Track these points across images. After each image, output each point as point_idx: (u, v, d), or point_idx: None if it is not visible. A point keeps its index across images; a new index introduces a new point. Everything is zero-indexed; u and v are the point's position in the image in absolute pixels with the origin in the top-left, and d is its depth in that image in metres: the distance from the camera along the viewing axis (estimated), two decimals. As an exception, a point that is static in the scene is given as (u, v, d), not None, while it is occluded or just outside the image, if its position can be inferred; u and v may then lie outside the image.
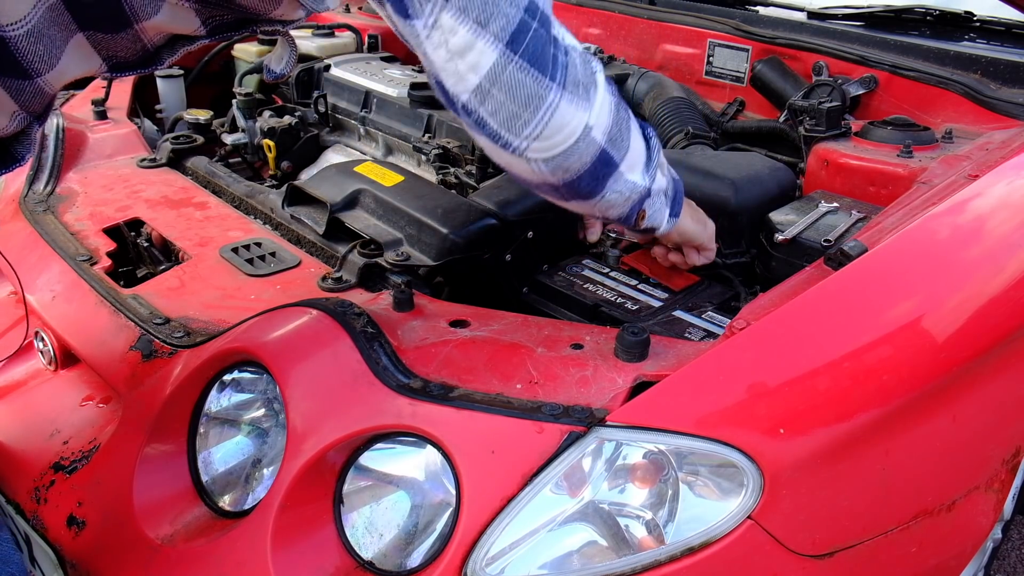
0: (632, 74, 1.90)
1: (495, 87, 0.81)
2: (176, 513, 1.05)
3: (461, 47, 0.80)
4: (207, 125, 1.86)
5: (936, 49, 1.75)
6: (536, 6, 0.81)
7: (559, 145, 0.87)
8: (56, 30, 0.89)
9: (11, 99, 0.91)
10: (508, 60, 0.80)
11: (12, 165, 1.00)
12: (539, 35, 0.81)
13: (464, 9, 0.78)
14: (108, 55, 0.95)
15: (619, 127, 0.92)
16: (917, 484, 1.05)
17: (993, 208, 1.22)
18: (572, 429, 0.90)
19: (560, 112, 0.84)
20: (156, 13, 0.91)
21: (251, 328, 1.10)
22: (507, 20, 0.79)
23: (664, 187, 1.06)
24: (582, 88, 0.86)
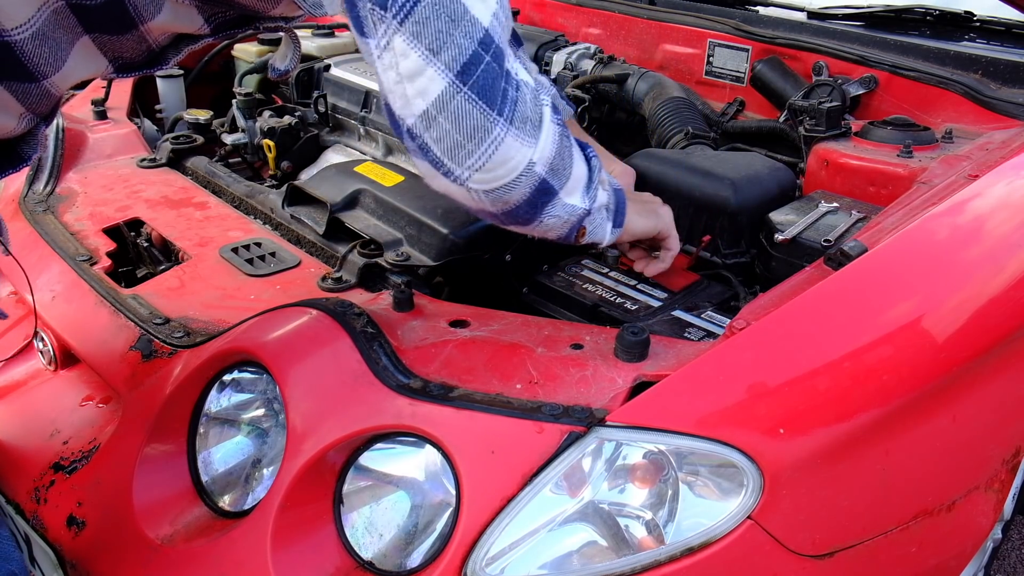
0: (632, 74, 1.89)
1: (442, 115, 0.81)
2: (176, 513, 1.05)
3: (411, 72, 0.80)
4: (207, 125, 1.86)
5: (936, 49, 1.75)
6: (491, 40, 0.81)
7: (501, 178, 0.87)
8: (62, 32, 0.89)
9: (17, 102, 0.92)
10: (457, 90, 0.80)
11: (19, 165, 1.01)
12: (491, 69, 0.80)
13: (417, 35, 0.78)
14: (114, 56, 0.96)
15: (562, 157, 0.92)
16: (917, 484, 1.05)
17: (993, 208, 1.22)
18: (572, 429, 0.90)
19: (505, 146, 0.84)
20: (159, 13, 0.91)
21: (251, 328, 1.10)
22: (459, 50, 0.79)
23: (605, 202, 1.06)
24: (530, 124, 0.86)
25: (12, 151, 1.00)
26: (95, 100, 1.89)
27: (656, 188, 1.43)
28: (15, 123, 0.95)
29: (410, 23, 0.78)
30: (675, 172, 1.44)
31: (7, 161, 1.00)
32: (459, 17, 0.78)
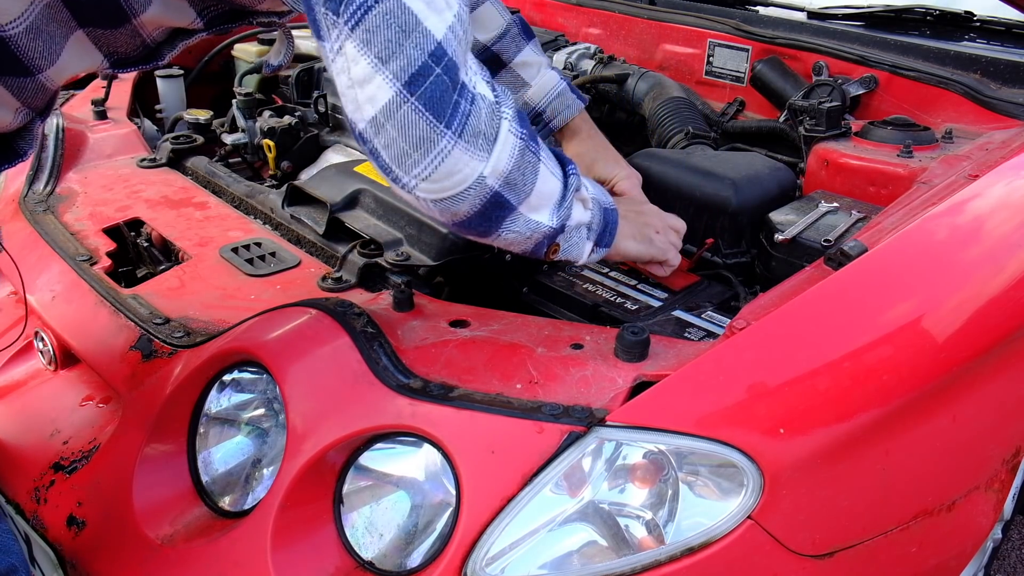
0: (632, 74, 1.90)
1: (389, 123, 0.81)
2: (176, 513, 1.05)
3: (361, 78, 0.80)
4: (207, 125, 1.86)
5: (936, 49, 1.75)
6: (443, 52, 0.80)
7: (449, 189, 0.86)
8: (55, 26, 0.89)
9: (13, 96, 0.92)
10: (404, 100, 0.79)
11: (15, 160, 1.01)
12: (440, 81, 0.80)
13: (368, 42, 0.78)
14: (109, 51, 0.96)
15: (522, 172, 0.90)
16: (917, 484, 1.05)
17: (993, 208, 1.22)
18: (572, 429, 0.90)
19: (452, 159, 0.83)
20: (149, 5, 0.91)
21: (251, 328, 1.10)
22: (408, 61, 0.79)
23: (586, 221, 1.04)
24: (482, 138, 0.84)
25: (8, 146, 1.00)
26: (95, 100, 1.89)
27: (656, 188, 1.43)
28: (11, 118, 0.95)
29: (361, 30, 0.78)
30: (675, 172, 1.44)
31: (3, 156, 1.00)
32: (411, 28, 0.78)
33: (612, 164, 1.43)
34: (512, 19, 1.42)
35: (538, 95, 1.44)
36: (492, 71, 1.44)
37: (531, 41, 1.45)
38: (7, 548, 0.97)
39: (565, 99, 1.45)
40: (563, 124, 1.46)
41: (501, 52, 1.42)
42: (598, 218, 1.06)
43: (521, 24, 1.44)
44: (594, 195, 1.06)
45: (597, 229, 1.06)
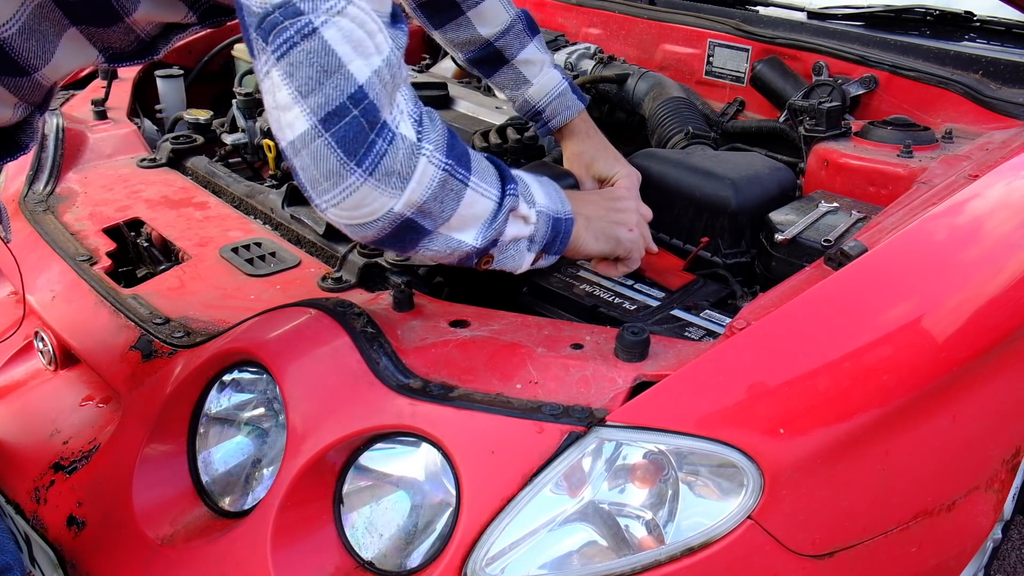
0: (632, 74, 1.90)
1: (304, 151, 0.82)
2: (176, 513, 1.05)
3: (282, 104, 0.81)
4: (207, 125, 1.86)
5: (936, 49, 1.75)
6: (363, 96, 0.81)
7: (357, 218, 0.88)
8: (48, 25, 0.90)
9: (11, 94, 0.93)
10: (318, 134, 0.81)
11: (17, 153, 1.02)
12: (356, 123, 0.81)
13: (291, 74, 0.80)
14: (104, 47, 0.97)
15: (440, 200, 0.90)
16: (917, 484, 1.05)
17: (993, 208, 1.22)
18: (572, 429, 0.90)
19: (360, 193, 0.84)
20: (140, 3, 0.92)
21: (251, 328, 1.11)
22: (326, 99, 0.80)
23: (525, 234, 1.03)
24: (395, 177, 0.85)
25: (11, 139, 1.01)
26: (95, 100, 1.89)
27: (656, 188, 1.43)
28: (11, 112, 0.96)
29: (285, 62, 0.79)
30: (675, 172, 1.44)
31: (6, 149, 1.01)
32: (332, 70, 0.79)
33: (612, 162, 1.43)
34: (517, 14, 1.42)
35: (539, 94, 1.44)
36: (494, 67, 1.44)
37: (535, 37, 1.44)
38: (2, 547, 0.97)
39: (565, 100, 1.45)
40: (562, 124, 1.46)
41: (504, 48, 1.42)
42: (544, 230, 1.05)
43: (526, 20, 1.43)
44: (543, 207, 1.05)
45: (542, 241, 1.06)
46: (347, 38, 0.79)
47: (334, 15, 0.78)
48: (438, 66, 2.28)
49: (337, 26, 0.79)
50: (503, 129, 1.64)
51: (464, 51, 1.44)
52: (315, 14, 0.78)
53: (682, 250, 1.42)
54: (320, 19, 0.78)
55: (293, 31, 0.78)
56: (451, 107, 1.84)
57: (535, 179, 1.08)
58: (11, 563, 0.97)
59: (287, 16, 0.78)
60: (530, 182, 1.05)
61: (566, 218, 1.08)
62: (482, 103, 1.82)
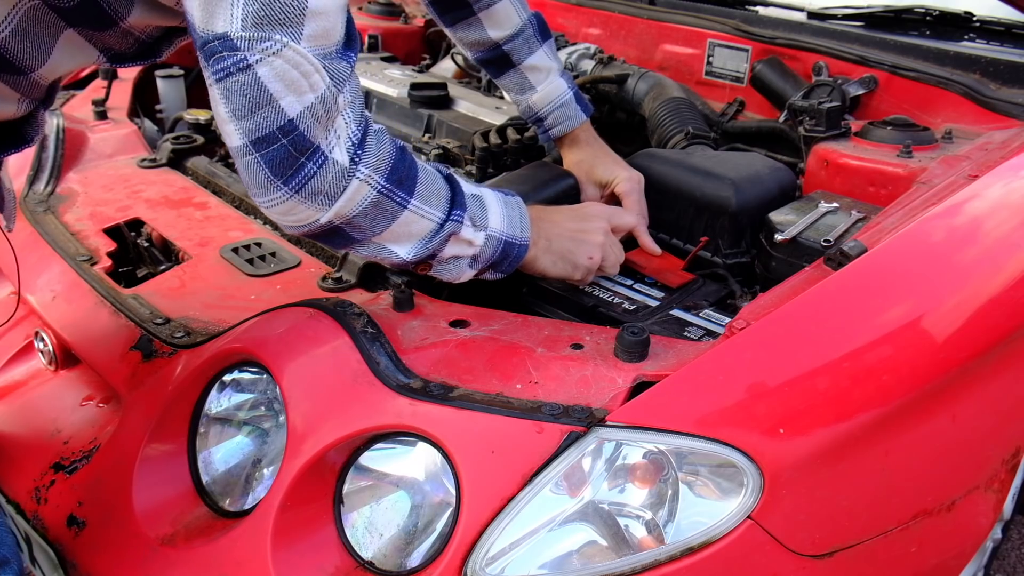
0: (632, 74, 1.90)
1: (240, 160, 0.87)
2: (176, 513, 1.05)
3: (221, 118, 0.86)
4: (207, 125, 1.86)
5: (936, 49, 1.75)
6: (293, 128, 0.85)
7: (288, 222, 0.93)
8: (43, 27, 0.92)
9: (12, 90, 0.95)
10: (249, 152, 0.86)
11: (22, 145, 1.04)
12: (283, 150, 0.85)
13: (227, 97, 0.83)
14: (104, 47, 0.99)
15: (371, 217, 0.94)
16: (917, 484, 1.05)
17: (992, 208, 1.22)
18: (572, 429, 0.90)
19: (287, 206, 0.89)
20: (132, 8, 0.94)
21: (251, 328, 1.11)
22: (257, 126, 0.84)
23: (467, 254, 1.06)
24: (323, 197, 0.89)
25: (16, 132, 1.03)
26: (95, 100, 1.89)
27: (656, 188, 1.44)
28: (15, 107, 0.98)
29: (222, 86, 0.83)
30: (675, 172, 1.44)
31: (11, 141, 1.03)
32: (263, 103, 0.83)
33: (611, 166, 1.43)
34: (529, 18, 1.42)
35: (542, 102, 1.45)
36: (501, 69, 1.45)
37: (545, 43, 1.45)
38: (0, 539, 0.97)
39: (568, 110, 1.46)
40: (562, 134, 1.47)
41: (512, 52, 1.43)
42: (490, 253, 1.08)
43: (538, 24, 1.44)
44: (495, 231, 1.07)
45: (487, 261, 1.08)
46: (280, 78, 0.83)
47: (269, 55, 0.82)
48: (438, 66, 2.28)
49: (271, 66, 0.82)
50: (503, 129, 1.64)
51: (473, 51, 1.45)
52: (250, 52, 0.81)
53: (682, 250, 1.42)
54: (255, 57, 0.81)
55: (229, 62, 0.82)
56: (451, 107, 1.85)
57: (500, 200, 1.10)
58: (8, 556, 0.98)
59: (225, 48, 0.81)
60: (490, 204, 1.08)
61: (520, 243, 1.11)
62: (482, 103, 1.82)
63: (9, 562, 0.97)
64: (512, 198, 1.13)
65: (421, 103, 1.82)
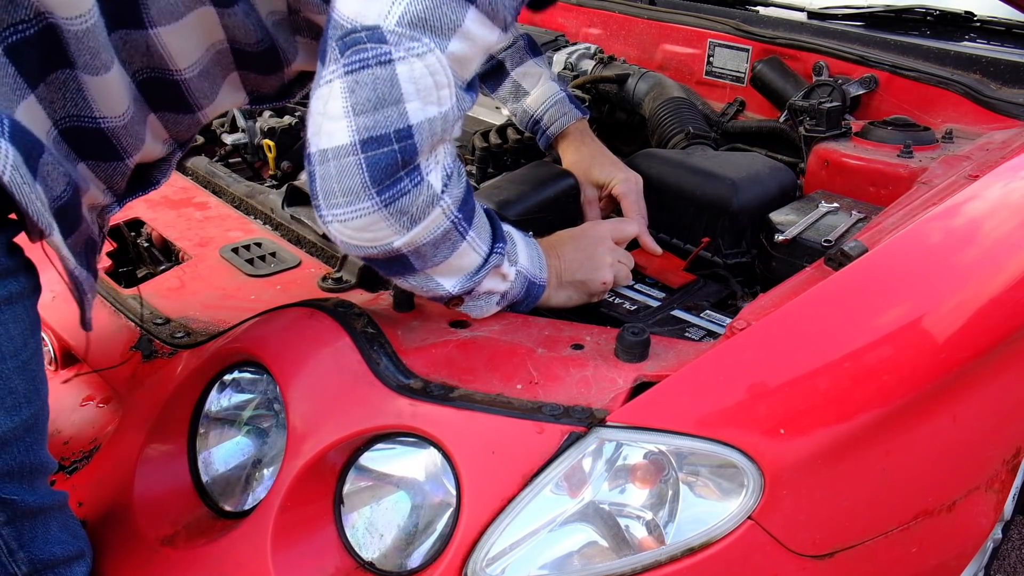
0: (632, 74, 1.90)
1: (333, 161, 0.84)
2: (176, 513, 1.05)
3: (332, 113, 0.83)
4: (207, 125, 1.86)
5: (936, 49, 1.75)
6: (409, 135, 0.83)
7: (357, 240, 0.90)
8: (218, 69, 0.97)
9: (165, 129, 0.99)
10: (354, 152, 0.83)
11: (148, 188, 1.07)
12: (391, 156, 0.83)
13: (352, 91, 0.82)
14: (252, 90, 1.03)
15: (436, 246, 0.94)
16: (917, 484, 1.05)
17: (993, 208, 1.22)
18: (572, 429, 0.90)
19: (369, 219, 0.87)
20: (297, 55, 0.99)
21: (251, 328, 1.10)
22: (374, 124, 0.82)
23: (500, 290, 1.06)
24: (406, 218, 0.88)
25: (145, 175, 1.05)
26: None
27: (656, 188, 1.44)
28: (159, 148, 1.01)
29: (351, 78, 0.82)
30: (675, 172, 1.44)
31: (138, 184, 1.05)
32: (391, 101, 0.82)
33: (609, 168, 1.43)
34: (520, 35, 1.50)
35: (536, 103, 1.48)
36: (497, 80, 1.50)
37: (536, 58, 1.50)
38: (76, 532, 0.98)
39: (562, 107, 1.48)
40: (560, 131, 1.48)
41: (505, 60, 1.49)
42: (517, 290, 1.09)
43: (528, 42, 1.50)
44: (523, 268, 1.08)
45: (512, 299, 1.09)
46: (415, 80, 0.82)
47: (413, 56, 0.81)
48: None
49: (411, 65, 0.82)
50: (503, 129, 1.64)
51: None
52: (396, 48, 0.81)
53: (683, 250, 1.42)
54: (399, 54, 0.81)
55: (371, 54, 0.81)
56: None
57: (522, 238, 1.11)
58: (84, 549, 0.99)
59: (371, 40, 0.81)
60: (518, 241, 1.09)
61: (540, 283, 1.12)
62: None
63: (84, 555, 0.99)
64: (529, 239, 1.14)
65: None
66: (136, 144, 0.95)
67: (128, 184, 1.01)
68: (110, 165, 0.95)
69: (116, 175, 0.96)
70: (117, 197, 1.01)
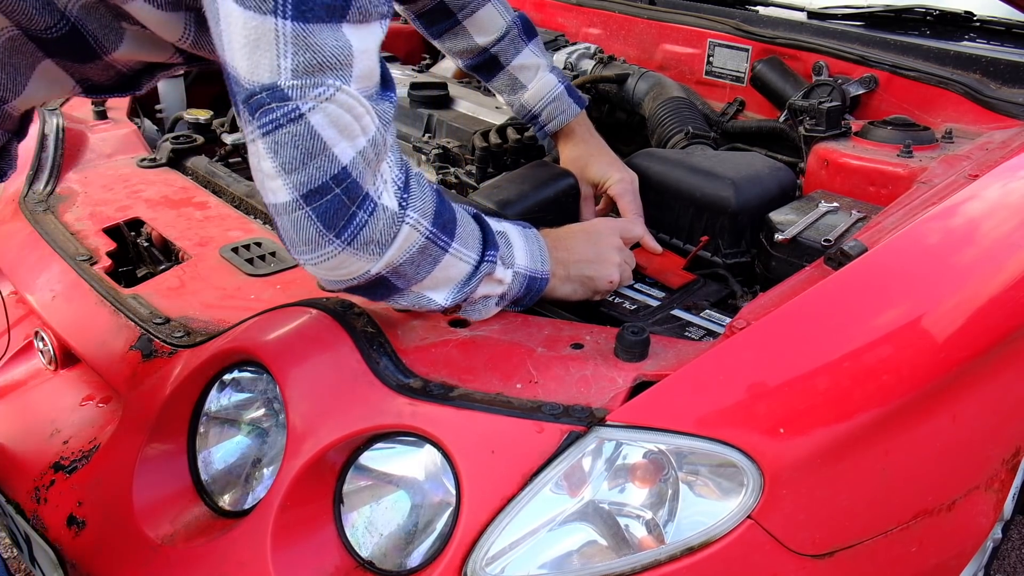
0: (632, 74, 1.90)
1: (286, 217, 0.83)
2: (176, 513, 1.05)
3: (267, 173, 0.82)
4: (207, 125, 1.86)
5: (936, 49, 1.75)
6: (346, 176, 0.81)
7: (334, 277, 0.90)
8: (20, 58, 0.89)
9: None
10: (299, 207, 0.82)
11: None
12: (337, 199, 0.82)
13: (275, 151, 0.79)
14: (81, 78, 0.96)
15: (416, 264, 0.92)
16: (917, 484, 1.05)
17: (992, 208, 1.22)
18: (572, 429, 0.90)
19: (338, 260, 0.86)
20: (120, 43, 0.91)
21: (251, 328, 1.11)
22: (309, 178, 0.80)
23: (496, 293, 1.05)
24: (374, 246, 0.87)
25: None
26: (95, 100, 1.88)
27: (656, 188, 1.43)
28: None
29: (270, 139, 0.79)
30: (675, 172, 1.44)
31: None
32: (316, 152, 0.80)
33: (605, 167, 1.43)
34: (513, 20, 1.42)
35: (534, 98, 1.45)
36: (491, 72, 1.45)
37: (531, 41, 1.45)
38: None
39: (561, 103, 1.46)
40: (558, 128, 1.47)
41: (499, 54, 1.43)
42: (516, 289, 1.07)
43: (523, 24, 1.43)
44: (521, 268, 1.06)
45: (512, 297, 1.08)
46: (334, 124, 0.80)
47: (322, 102, 0.78)
48: (438, 66, 2.28)
49: (324, 112, 0.79)
50: (503, 129, 1.64)
51: (463, 59, 1.45)
52: (303, 100, 0.78)
53: (682, 250, 1.42)
54: (308, 106, 0.78)
55: (279, 114, 0.78)
56: (451, 107, 1.85)
57: (521, 234, 1.09)
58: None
59: (275, 100, 0.77)
60: (514, 240, 1.07)
61: (542, 277, 1.10)
62: (482, 103, 1.82)
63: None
64: (530, 231, 1.12)
65: (421, 103, 1.82)
66: None
67: None
68: None
69: None
70: None
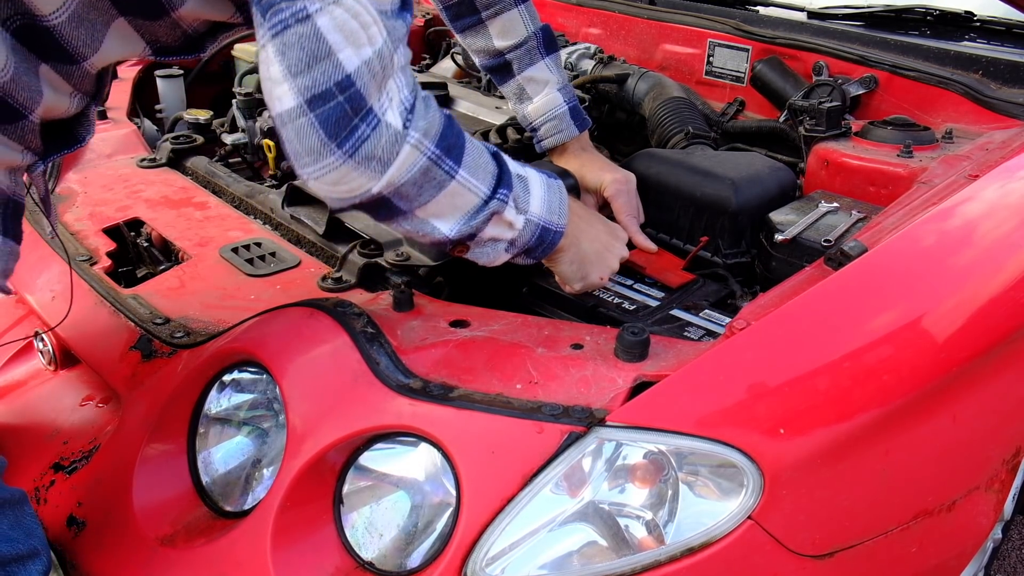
0: (632, 74, 1.90)
1: (290, 125, 0.85)
2: (176, 513, 1.05)
3: (274, 78, 0.83)
4: (207, 125, 1.86)
5: (936, 49, 1.75)
6: (350, 84, 0.83)
7: (337, 193, 0.90)
8: (96, 14, 0.92)
9: (64, 81, 0.95)
10: (303, 113, 0.83)
11: (74, 146, 1.04)
12: (339, 107, 0.83)
13: (283, 53, 0.81)
14: (151, 39, 0.99)
15: (419, 186, 0.92)
16: (917, 484, 1.05)
17: (992, 208, 1.22)
18: (572, 429, 0.90)
19: (339, 172, 0.87)
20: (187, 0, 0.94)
21: (251, 328, 1.10)
22: (313, 82, 0.82)
23: (506, 238, 1.04)
24: (376, 162, 0.87)
25: (69, 132, 1.03)
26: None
27: (656, 188, 1.44)
28: (67, 103, 0.97)
29: (278, 41, 0.81)
30: (675, 172, 1.44)
31: (64, 141, 1.03)
32: (322, 56, 0.81)
33: (599, 172, 1.43)
34: (536, 31, 1.42)
35: (536, 113, 1.46)
36: (502, 77, 1.46)
37: (549, 56, 1.44)
38: (31, 531, 0.97)
39: (560, 123, 1.45)
40: (554, 146, 1.48)
41: (513, 61, 1.44)
42: (528, 238, 1.06)
43: (545, 37, 1.43)
44: (535, 216, 1.05)
45: (523, 246, 1.07)
46: (340, 28, 0.81)
47: (329, 4, 0.80)
48: (438, 66, 2.28)
49: (331, 15, 0.81)
50: (503, 129, 1.64)
51: (480, 57, 1.46)
52: (310, 1, 0.80)
53: (682, 250, 1.42)
54: (315, 7, 0.80)
55: (288, 13, 0.80)
56: (451, 107, 1.84)
57: (543, 183, 1.08)
58: (38, 548, 0.97)
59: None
60: (534, 186, 1.06)
61: (556, 230, 1.09)
62: (482, 103, 1.82)
63: (39, 554, 0.97)
64: (555, 181, 1.10)
65: (421, 103, 1.81)
66: (33, 98, 0.92)
67: (50, 141, 1.00)
68: (13, 125, 0.93)
69: (26, 133, 0.94)
70: (38, 155, 0.99)
